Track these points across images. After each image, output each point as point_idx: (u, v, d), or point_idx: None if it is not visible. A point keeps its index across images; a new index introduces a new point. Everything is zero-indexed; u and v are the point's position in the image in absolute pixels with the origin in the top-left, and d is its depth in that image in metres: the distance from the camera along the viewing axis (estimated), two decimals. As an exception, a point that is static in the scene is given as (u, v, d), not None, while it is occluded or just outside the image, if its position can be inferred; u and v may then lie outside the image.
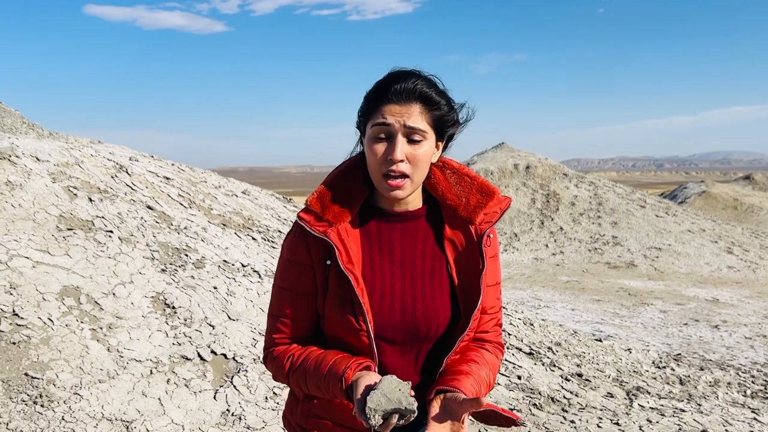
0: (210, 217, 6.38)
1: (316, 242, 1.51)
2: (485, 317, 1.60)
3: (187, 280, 4.96)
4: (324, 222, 1.50)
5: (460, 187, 1.58)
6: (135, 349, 4.13)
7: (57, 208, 5.20)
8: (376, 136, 1.46)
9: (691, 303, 13.54)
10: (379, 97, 1.47)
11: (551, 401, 5.02)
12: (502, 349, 1.66)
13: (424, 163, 1.48)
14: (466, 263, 1.54)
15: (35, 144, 6.15)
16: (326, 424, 1.56)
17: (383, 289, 1.51)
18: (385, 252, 1.54)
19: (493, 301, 1.60)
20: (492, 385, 1.58)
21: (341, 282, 1.48)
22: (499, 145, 27.38)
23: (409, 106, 1.44)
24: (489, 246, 1.55)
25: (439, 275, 1.54)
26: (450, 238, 1.56)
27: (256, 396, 4.05)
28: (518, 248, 20.13)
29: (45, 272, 4.47)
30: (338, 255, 1.47)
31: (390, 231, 1.55)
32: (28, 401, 3.55)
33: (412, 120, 1.44)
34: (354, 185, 1.55)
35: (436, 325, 1.51)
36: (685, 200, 34.85)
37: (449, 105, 1.50)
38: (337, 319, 1.49)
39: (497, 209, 1.56)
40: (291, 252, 1.55)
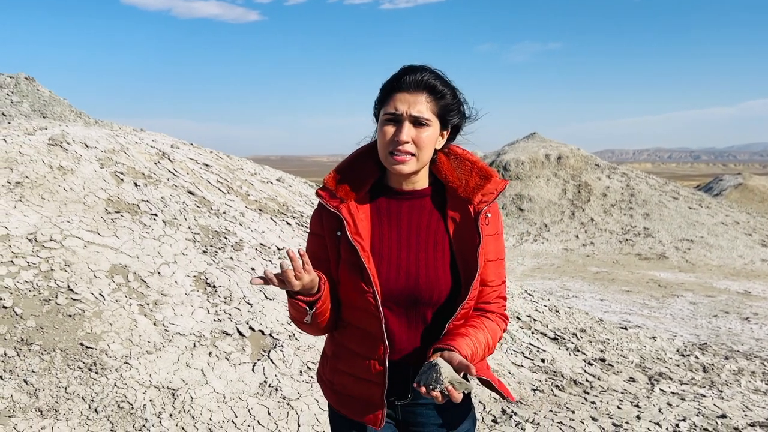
0: (247, 203, 6.66)
1: (329, 216, 1.76)
2: (487, 289, 1.77)
3: (227, 262, 5.24)
4: (336, 198, 1.74)
5: (462, 171, 1.78)
6: (179, 324, 4.42)
7: (105, 192, 5.52)
8: (386, 122, 1.69)
9: (722, 295, 13.49)
10: (390, 87, 1.70)
11: (573, 383, 5.19)
12: (505, 320, 1.83)
13: (427, 145, 1.69)
14: (465, 238, 1.74)
15: (84, 131, 6.49)
16: (349, 379, 1.81)
17: (390, 258, 1.72)
18: (393, 225, 1.76)
19: (494, 275, 1.77)
20: (492, 349, 1.76)
21: (351, 250, 1.70)
22: (531, 135, 27.30)
23: (417, 95, 1.66)
24: (488, 224, 1.73)
25: (441, 248, 1.74)
26: (452, 216, 1.76)
27: (291, 369, 4.31)
28: (548, 239, 20.15)
29: (96, 251, 4.78)
30: (347, 227, 1.70)
31: (398, 207, 1.77)
32: (84, 368, 3.85)
33: (418, 109, 1.66)
34: (367, 167, 1.79)
35: (438, 292, 1.71)
36: (721, 192, 34.31)
37: (453, 96, 1.72)
38: (348, 282, 1.73)
39: (494, 190, 1.75)
40: (311, 224, 1.84)
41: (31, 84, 8.47)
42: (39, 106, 8.20)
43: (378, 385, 1.75)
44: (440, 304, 1.72)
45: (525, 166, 24.02)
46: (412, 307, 1.73)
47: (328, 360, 1.89)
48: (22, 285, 4.26)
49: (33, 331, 3.98)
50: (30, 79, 8.50)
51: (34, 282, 4.31)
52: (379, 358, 1.73)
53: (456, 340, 1.63)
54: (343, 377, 1.82)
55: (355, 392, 1.79)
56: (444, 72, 1.73)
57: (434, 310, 1.73)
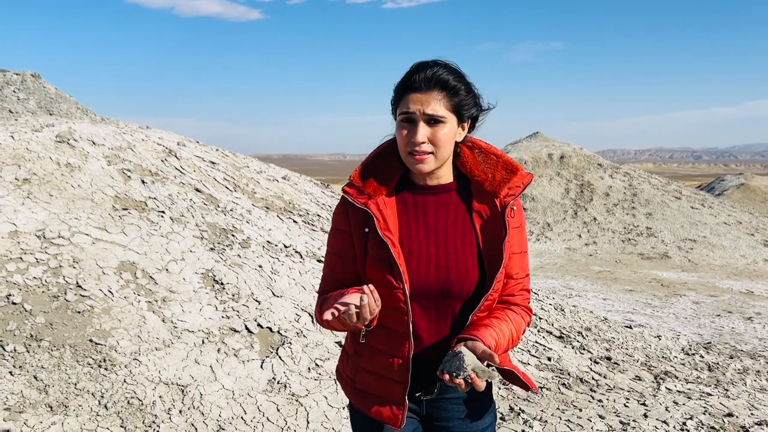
0: (254, 201, 6.67)
1: (356, 212, 1.75)
2: (511, 282, 1.78)
3: (234, 259, 5.25)
4: (365, 195, 1.74)
5: (487, 165, 1.79)
6: (187, 321, 4.43)
7: (113, 189, 5.53)
8: (402, 122, 1.69)
9: (725, 295, 13.48)
10: (403, 87, 1.69)
11: (580, 381, 5.20)
12: (529, 312, 1.85)
13: (444, 142, 1.68)
14: (491, 231, 1.74)
15: (91, 128, 6.50)
16: (371, 377, 1.80)
17: (419, 253, 1.72)
18: (420, 220, 1.75)
19: (518, 267, 1.78)
20: (516, 341, 1.77)
21: (380, 246, 1.70)
22: (534, 135, 27.30)
23: (429, 93, 1.65)
24: (513, 217, 1.74)
25: (469, 241, 1.74)
26: (477, 209, 1.76)
27: (299, 366, 4.32)
28: (551, 238, 20.15)
29: (104, 248, 4.80)
30: (377, 223, 1.70)
31: (424, 202, 1.77)
32: (93, 364, 3.86)
33: (431, 107, 1.65)
34: (391, 163, 1.78)
35: (468, 285, 1.72)
36: (723, 192, 34.29)
37: (468, 89, 1.71)
38: (378, 278, 1.71)
39: (520, 184, 1.76)
40: (335, 221, 1.83)
41: (37, 81, 8.48)
42: (45, 103, 8.21)
43: (400, 383, 1.74)
44: (468, 296, 1.73)
45: (528, 165, 24.01)
46: (442, 300, 1.73)
47: (350, 358, 1.88)
48: (31, 281, 4.27)
49: (42, 327, 3.99)
50: (36, 76, 8.51)
51: (42, 278, 4.32)
52: (403, 356, 1.73)
53: (480, 331, 1.64)
54: (365, 375, 1.82)
55: (377, 390, 1.79)
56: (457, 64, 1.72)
57: (462, 303, 1.74)
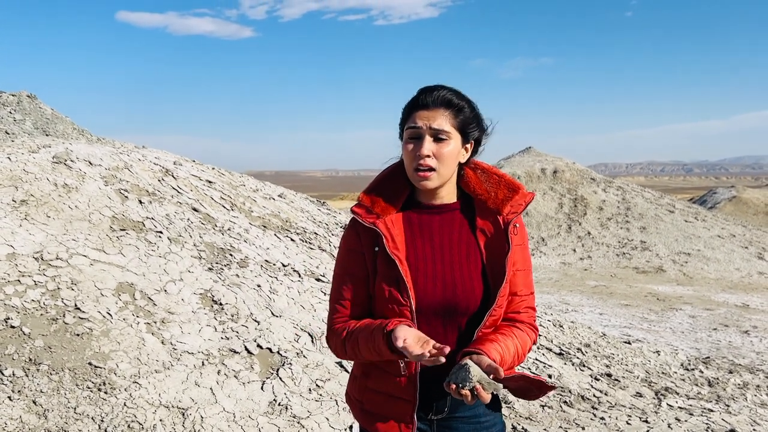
0: (251, 219, 6.66)
1: (366, 232, 1.80)
2: (516, 299, 1.82)
3: (233, 279, 5.22)
4: (373, 214, 1.79)
5: (489, 184, 1.85)
6: (187, 342, 4.39)
7: (110, 209, 5.50)
8: (408, 138, 1.76)
9: (721, 308, 13.50)
10: (410, 107, 1.78)
11: (581, 399, 5.18)
12: (535, 330, 1.88)
13: (448, 159, 1.75)
14: (494, 248, 1.79)
15: (87, 149, 6.49)
16: (379, 397, 1.82)
17: (426, 270, 1.76)
18: (426, 239, 1.80)
19: (522, 285, 1.83)
20: (522, 358, 1.80)
21: (389, 264, 1.74)
22: (526, 150, 27.42)
23: (436, 110, 1.74)
24: (516, 234, 1.80)
25: (474, 259, 1.79)
26: (481, 227, 1.82)
27: (300, 387, 4.29)
28: (546, 253, 20.17)
29: (102, 269, 4.77)
30: (385, 242, 1.75)
31: (430, 221, 1.82)
32: (93, 388, 3.82)
33: (438, 123, 1.72)
34: (398, 184, 1.84)
35: (474, 301, 1.76)
36: (715, 205, 34.48)
37: (471, 109, 1.79)
38: (385, 295, 1.75)
39: (522, 202, 1.82)
40: (346, 242, 1.86)
41: (33, 102, 8.47)
42: (42, 124, 8.19)
43: (408, 402, 1.76)
44: (474, 313, 1.77)
45: (521, 180, 24.08)
46: (448, 316, 1.76)
47: (357, 379, 1.90)
48: (29, 304, 4.23)
49: (41, 351, 3.95)
50: (32, 97, 8.50)
51: (41, 301, 4.29)
52: (410, 374, 1.75)
53: (485, 345, 1.67)
54: (373, 395, 1.83)
55: (385, 410, 1.80)
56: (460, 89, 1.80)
57: (468, 319, 1.77)
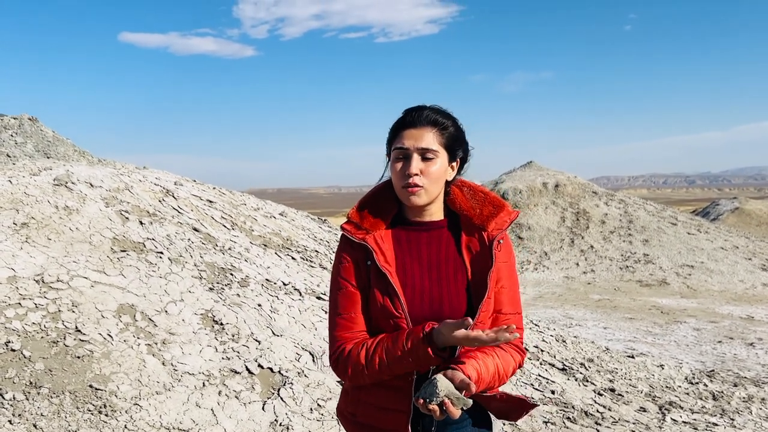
0: (251, 238, 6.67)
1: (356, 248, 1.82)
2: (501, 317, 1.82)
3: (233, 298, 5.22)
4: (362, 230, 1.82)
5: (475, 201, 1.89)
6: (188, 363, 4.39)
7: (111, 231, 5.52)
8: (397, 157, 1.80)
9: (725, 321, 13.44)
10: (397, 126, 1.82)
11: (585, 415, 5.15)
12: (521, 352, 1.86)
13: (436, 177, 1.79)
14: (479, 263, 1.82)
15: (88, 171, 6.52)
16: (373, 409, 1.82)
17: (414, 286, 1.79)
18: (414, 256, 1.83)
19: (507, 303, 1.83)
20: (504, 379, 1.77)
21: (380, 277, 1.77)
22: (528, 164, 27.45)
23: (422, 129, 1.78)
24: (500, 251, 1.82)
25: (462, 275, 1.81)
26: (467, 243, 1.85)
27: (301, 407, 4.27)
28: (548, 267, 20.13)
29: (102, 291, 4.77)
30: (376, 256, 1.78)
31: (417, 238, 1.85)
32: (93, 411, 3.82)
33: (425, 142, 1.77)
34: (386, 202, 1.88)
35: (460, 317, 1.74)
36: (718, 217, 34.41)
37: (456, 127, 1.83)
38: (379, 308, 1.77)
39: (507, 219, 1.86)
40: (339, 258, 1.87)
41: (34, 124, 8.53)
42: (43, 147, 8.25)
43: (404, 413, 1.77)
44: None
45: (523, 194, 24.10)
46: None
47: (350, 393, 1.90)
48: (30, 327, 4.24)
49: (42, 374, 3.95)
50: (33, 119, 8.56)
51: (41, 324, 4.29)
52: (404, 385, 1.76)
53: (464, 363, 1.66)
54: (368, 408, 1.83)
55: (380, 423, 1.81)
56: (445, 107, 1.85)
57: None
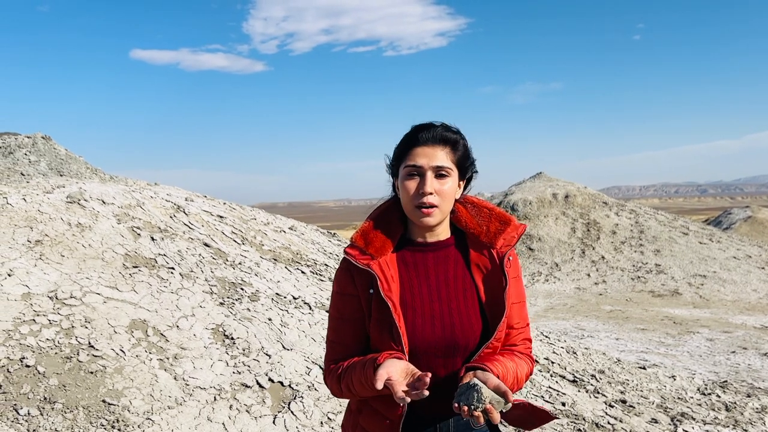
0: (262, 253, 6.72)
1: (360, 274, 1.77)
2: (513, 332, 1.81)
3: (244, 313, 5.27)
4: (367, 255, 1.77)
5: (481, 218, 1.85)
6: (199, 378, 4.43)
7: (123, 247, 5.59)
8: (409, 175, 1.75)
9: (739, 331, 13.34)
10: (409, 144, 1.76)
11: (595, 426, 5.14)
12: (532, 361, 1.87)
13: (449, 195, 1.75)
14: (491, 282, 1.78)
15: (100, 188, 6.61)
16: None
17: (423, 310, 1.74)
18: (422, 277, 1.79)
19: (518, 317, 1.82)
20: (520, 383, 1.78)
21: (382, 308, 1.72)
22: (537, 175, 27.45)
23: (435, 147, 1.74)
24: (510, 267, 1.79)
25: (471, 295, 1.78)
26: (476, 262, 1.81)
27: (312, 421, 4.30)
28: (560, 278, 20.06)
29: (115, 307, 4.83)
30: (380, 284, 1.72)
31: (424, 259, 1.81)
32: (106, 425, 3.86)
33: (439, 160, 1.73)
34: (391, 223, 1.83)
35: (473, 339, 1.74)
36: (730, 226, 34.20)
37: (465, 145, 1.81)
38: (378, 340, 1.75)
39: (515, 234, 1.82)
40: (339, 285, 1.83)
41: (47, 143, 8.67)
42: (56, 165, 8.37)
43: None
44: (473, 350, 1.75)
45: (533, 205, 24.09)
46: (449, 356, 1.74)
47: (352, 414, 1.89)
48: (44, 343, 4.30)
49: (56, 389, 4.00)
50: (47, 138, 8.70)
51: (55, 340, 4.35)
52: (394, 417, 1.72)
53: (489, 361, 1.66)
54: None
55: None
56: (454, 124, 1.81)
57: (467, 357, 1.75)
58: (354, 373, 1.73)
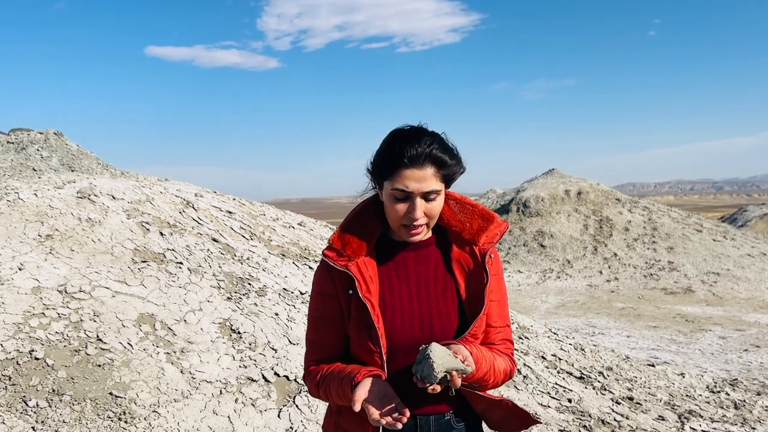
0: (270, 248, 6.76)
1: (339, 275, 1.75)
2: (491, 330, 1.78)
3: (251, 308, 5.31)
4: (345, 257, 1.74)
5: (463, 214, 1.82)
6: (205, 371, 4.47)
7: (132, 242, 5.65)
8: (396, 198, 1.68)
9: (752, 329, 13.23)
10: (395, 161, 1.66)
11: (601, 423, 5.13)
12: (513, 363, 1.82)
13: (437, 211, 1.72)
14: (472, 279, 1.76)
15: (111, 183, 6.68)
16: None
17: (402, 310, 1.73)
18: (402, 278, 1.77)
19: (497, 316, 1.79)
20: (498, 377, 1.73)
21: (361, 309, 1.70)
22: (549, 172, 27.34)
23: (424, 170, 1.64)
24: (492, 264, 1.77)
25: (451, 293, 1.76)
26: (457, 259, 1.78)
27: (316, 415, 4.33)
28: (571, 275, 19.98)
29: (123, 301, 4.89)
30: (358, 285, 1.70)
31: (405, 259, 1.78)
32: (113, 418, 3.91)
33: (428, 184, 1.65)
34: (370, 223, 1.79)
35: (452, 336, 1.72)
36: (746, 223, 33.88)
37: (455, 159, 1.71)
38: (357, 340, 1.73)
39: (497, 231, 1.80)
40: (319, 285, 1.81)
41: (59, 139, 8.76)
42: (68, 160, 8.46)
43: None
44: None
45: (545, 202, 23.99)
46: None
47: (333, 415, 1.86)
48: (53, 336, 4.36)
49: (64, 382, 4.06)
50: (59, 134, 8.79)
51: (64, 333, 4.41)
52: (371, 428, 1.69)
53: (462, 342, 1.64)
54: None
55: None
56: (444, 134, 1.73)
57: None
58: (332, 384, 1.72)
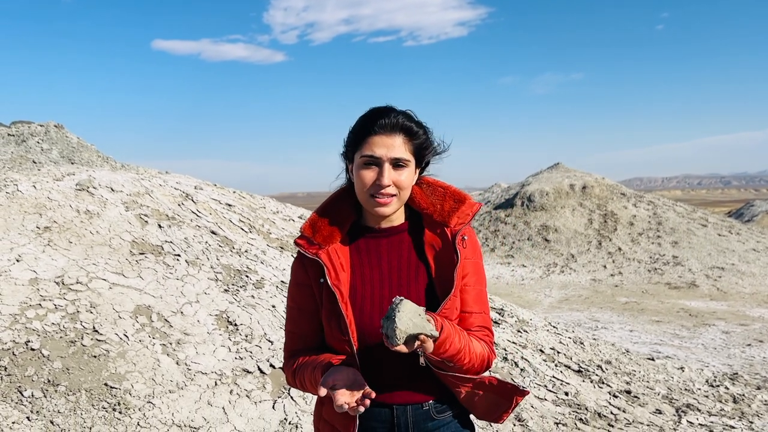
0: (269, 241, 6.77)
1: (310, 263, 1.76)
2: (467, 316, 1.75)
3: (248, 300, 5.32)
4: (315, 245, 1.75)
5: (435, 197, 1.82)
6: (201, 363, 4.49)
7: (130, 234, 5.67)
8: (365, 165, 1.69)
9: (756, 323, 13.17)
10: (365, 130, 1.69)
11: (598, 416, 5.13)
12: (491, 351, 1.79)
13: (407, 185, 1.72)
14: (443, 260, 1.75)
15: (110, 176, 6.70)
16: (327, 427, 1.79)
17: (373, 297, 1.72)
18: (374, 265, 1.76)
19: (473, 302, 1.77)
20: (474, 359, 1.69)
21: (331, 297, 1.71)
22: (554, 166, 27.23)
23: (393, 137, 1.68)
24: (465, 247, 1.75)
25: (423, 278, 1.75)
26: (430, 242, 1.78)
27: (311, 406, 4.34)
28: (575, 269, 19.93)
29: (120, 293, 4.90)
30: (327, 273, 1.70)
31: (377, 245, 1.78)
32: (108, 408, 3.93)
33: (397, 151, 1.68)
34: (343, 210, 1.80)
35: None
36: (752, 218, 33.71)
37: (426, 134, 1.75)
38: (327, 330, 1.74)
39: (469, 212, 1.78)
40: (294, 275, 1.83)
41: (60, 131, 8.78)
42: (68, 153, 8.48)
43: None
44: None
45: (549, 196, 23.92)
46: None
47: (317, 406, 1.88)
48: (49, 327, 4.38)
49: (59, 373, 4.08)
50: (59, 126, 8.82)
51: (60, 324, 4.43)
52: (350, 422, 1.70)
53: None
54: (325, 425, 1.81)
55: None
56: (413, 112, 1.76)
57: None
58: (306, 373, 1.73)
